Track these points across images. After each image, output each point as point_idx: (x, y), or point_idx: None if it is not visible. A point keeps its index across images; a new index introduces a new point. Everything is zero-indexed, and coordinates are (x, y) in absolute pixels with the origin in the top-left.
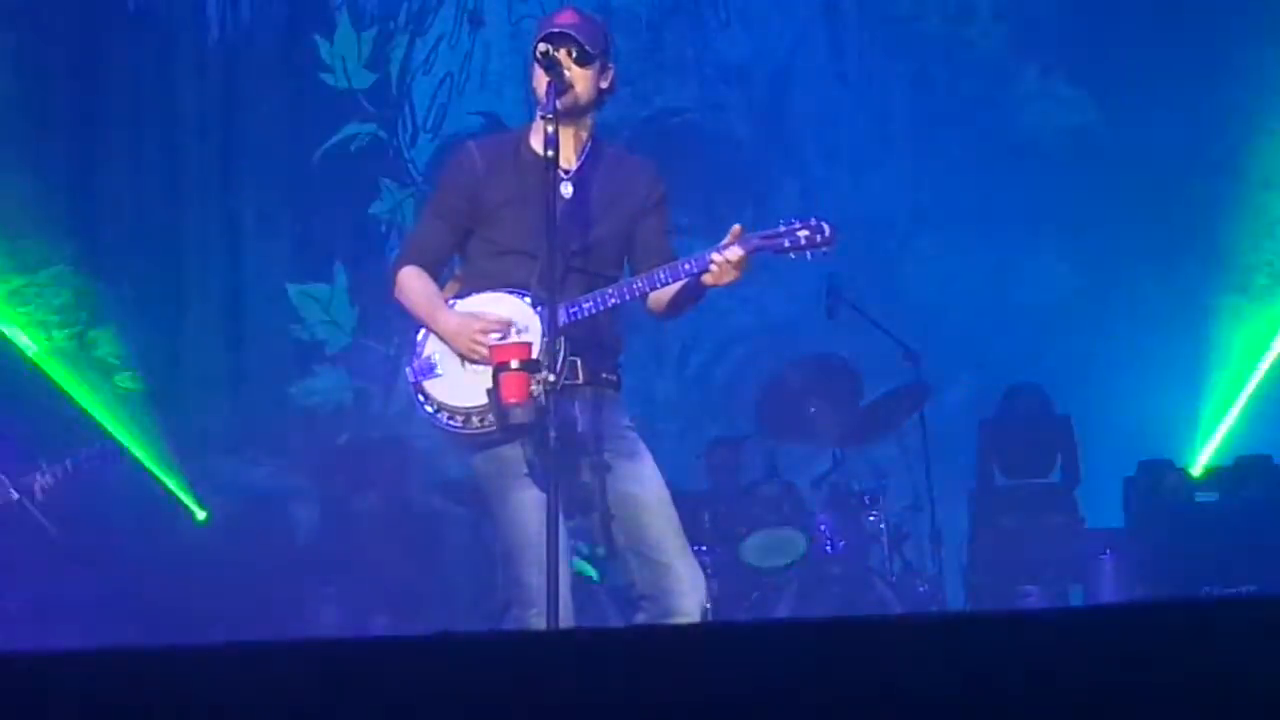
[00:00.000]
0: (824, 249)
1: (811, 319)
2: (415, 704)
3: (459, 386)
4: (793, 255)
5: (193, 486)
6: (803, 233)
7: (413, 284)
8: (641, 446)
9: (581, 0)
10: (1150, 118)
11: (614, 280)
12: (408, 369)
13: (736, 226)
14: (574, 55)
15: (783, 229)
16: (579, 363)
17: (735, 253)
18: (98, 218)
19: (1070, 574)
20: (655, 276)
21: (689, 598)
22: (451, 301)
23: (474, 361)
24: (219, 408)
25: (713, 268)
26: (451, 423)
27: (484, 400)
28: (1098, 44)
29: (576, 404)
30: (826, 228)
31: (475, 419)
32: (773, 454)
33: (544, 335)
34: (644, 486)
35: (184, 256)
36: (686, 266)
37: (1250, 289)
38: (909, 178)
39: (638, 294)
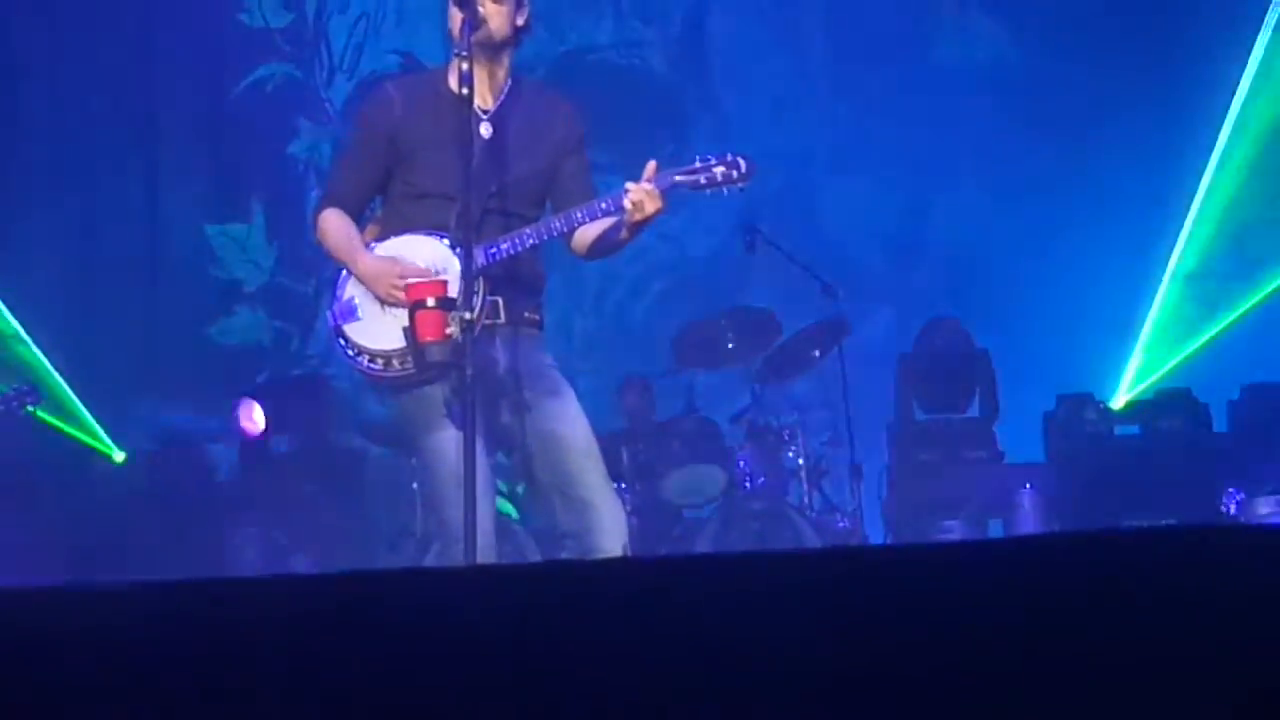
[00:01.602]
0: (740, 185)
1: (730, 255)
2: (335, 643)
3: (379, 329)
4: (709, 191)
5: (111, 428)
6: (719, 169)
7: (332, 226)
8: (564, 385)
9: None
10: (1066, 48)
11: (534, 220)
12: (328, 312)
13: (651, 162)
14: None
15: (699, 165)
16: (500, 302)
17: (650, 188)
18: (6, 160)
19: (990, 509)
20: (572, 216)
21: (611, 536)
22: (372, 245)
23: (393, 305)
24: (137, 348)
25: (628, 204)
26: (372, 366)
27: (404, 343)
28: None
29: (498, 343)
30: (743, 163)
31: (395, 361)
32: (690, 390)
33: (462, 276)
34: (567, 425)
35: (100, 197)
36: (603, 205)
37: (1169, 222)
38: (827, 113)
39: (556, 234)
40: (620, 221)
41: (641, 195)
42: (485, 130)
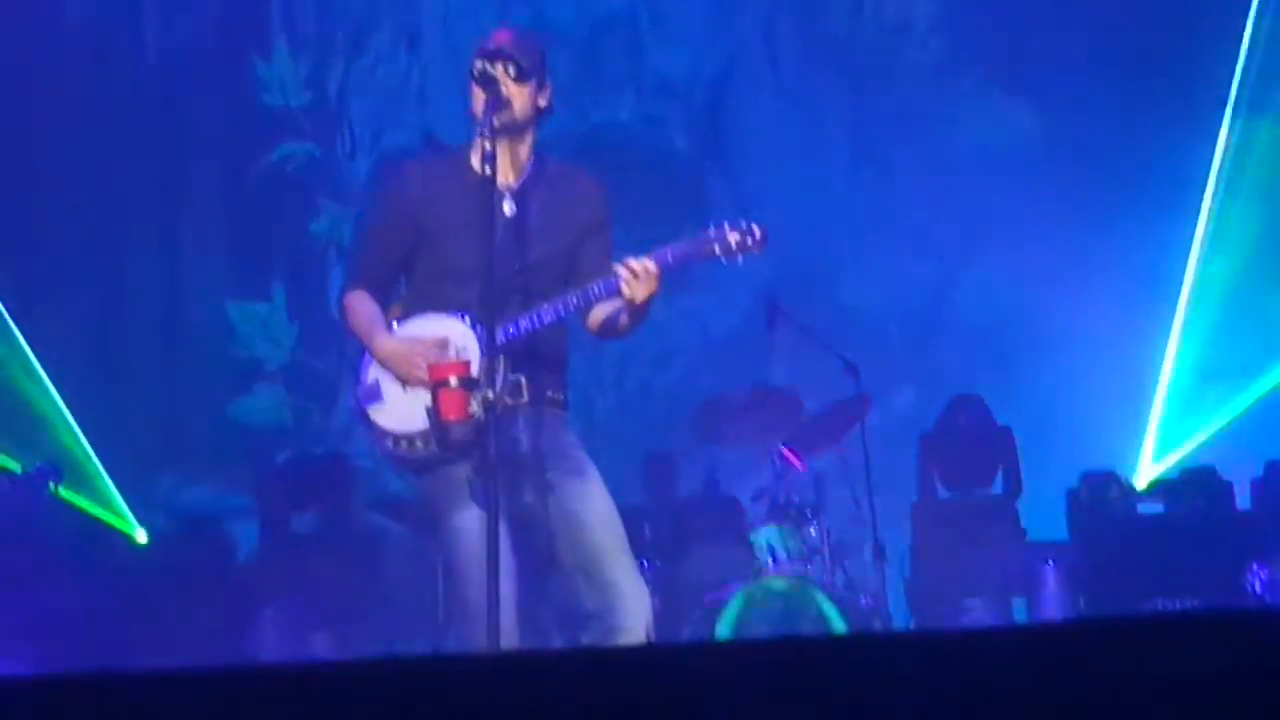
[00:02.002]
0: (755, 251)
1: (751, 332)
2: None
3: (402, 411)
4: (724, 260)
5: (131, 506)
6: (733, 236)
7: (356, 308)
8: (588, 465)
9: (517, 14)
10: (1089, 127)
11: (555, 299)
12: (352, 395)
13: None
14: (511, 72)
15: (712, 233)
16: (523, 381)
17: (639, 266)
18: (34, 237)
19: (1013, 587)
20: (590, 291)
21: (634, 616)
22: (395, 325)
23: (415, 385)
24: (158, 426)
25: (623, 286)
26: (396, 448)
27: (427, 424)
28: (1035, 54)
29: (521, 422)
30: (757, 229)
31: (419, 442)
32: (712, 468)
33: (483, 355)
34: (589, 505)
35: (122, 275)
36: (595, 290)
37: (1193, 299)
38: (848, 190)
39: (571, 311)
40: (623, 299)
41: (629, 273)
42: (508, 208)
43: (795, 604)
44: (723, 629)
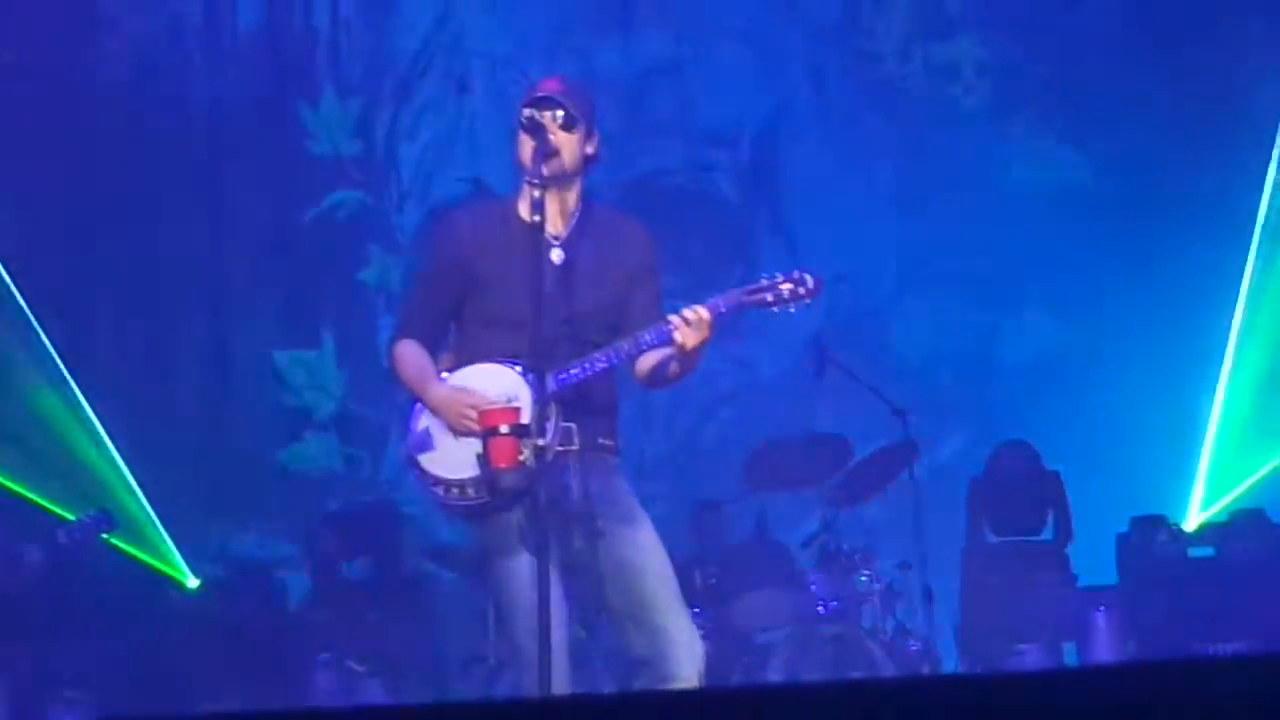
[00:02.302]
0: (808, 301)
1: (799, 378)
2: None
3: (454, 459)
4: (776, 309)
5: (183, 554)
6: (785, 286)
7: (405, 358)
8: (639, 511)
9: (565, 61)
10: (1136, 170)
11: (605, 346)
12: (403, 443)
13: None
14: (559, 120)
15: (765, 283)
16: (574, 429)
17: (692, 315)
18: (84, 286)
19: (1063, 632)
20: (642, 339)
21: (686, 663)
22: (445, 374)
23: (465, 434)
24: (208, 474)
25: (675, 334)
26: (448, 495)
27: (478, 471)
28: (1082, 99)
29: (572, 469)
30: (810, 279)
31: (470, 490)
32: (762, 514)
33: (534, 403)
34: (641, 551)
35: (172, 323)
36: (647, 338)
37: (1241, 341)
38: (896, 235)
39: (625, 357)
40: (673, 349)
41: (682, 321)
42: (557, 256)
43: (845, 649)
44: (773, 675)
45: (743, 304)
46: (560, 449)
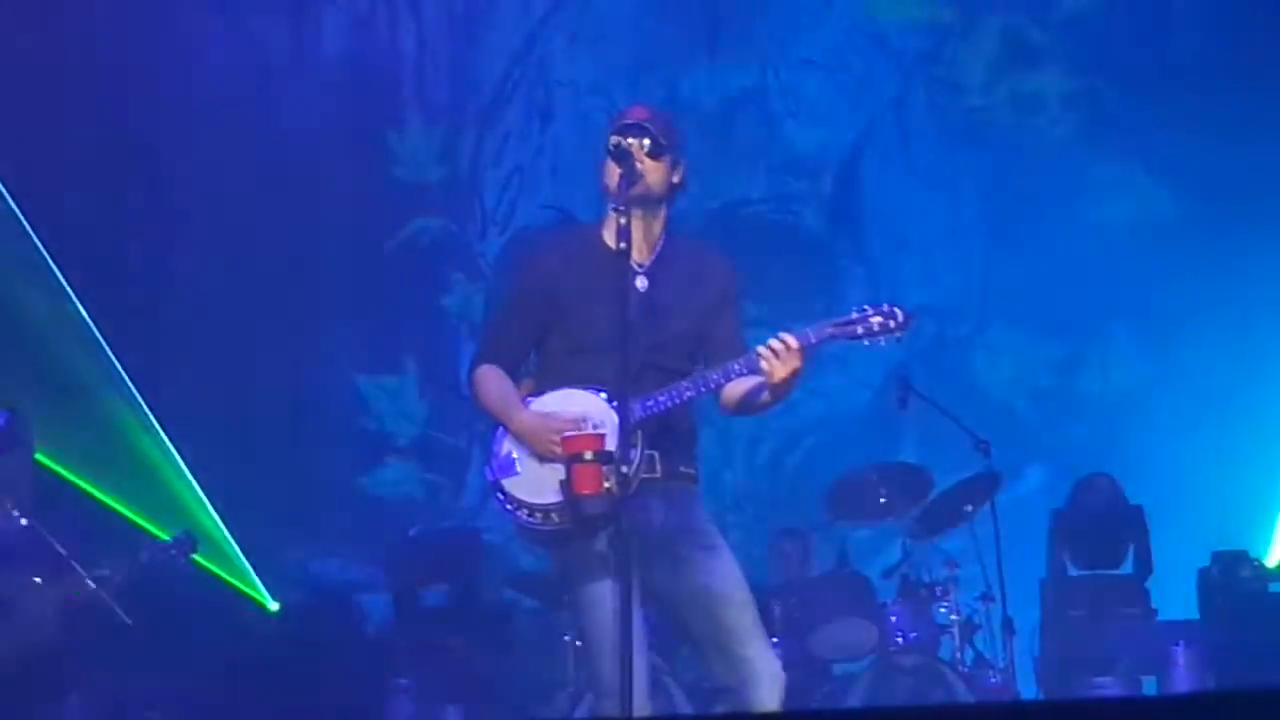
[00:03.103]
0: (898, 334)
1: (882, 409)
2: None
3: (537, 484)
4: (866, 342)
5: (264, 577)
6: (876, 319)
7: (488, 383)
8: (720, 540)
9: (650, 89)
10: (1224, 201)
11: (689, 374)
12: (486, 467)
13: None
14: (646, 148)
15: (855, 316)
16: (656, 456)
17: (781, 345)
18: (167, 312)
19: (1143, 666)
20: (731, 369)
21: (768, 692)
22: (529, 400)
23: (550, 460)
24: (289, 498)
25: (763, 363)
26: (531, 520)
27: (561, 496)
28: (1169, 129)
29: (654, 498)
30: (900, 313)
31: (554, 515)
32: (843, 545)
33: (619, 431)
34: (722, 580)
35: (253, 348)
36: (735, 367)
37: None
38: (979, 267)
39: (713, 388)
40: (763, 383)
41: (770, 352)
42: (641, 284)
43: (924, 681)
44: (852, 705)
45: (833, 335)
46: (645, 476)
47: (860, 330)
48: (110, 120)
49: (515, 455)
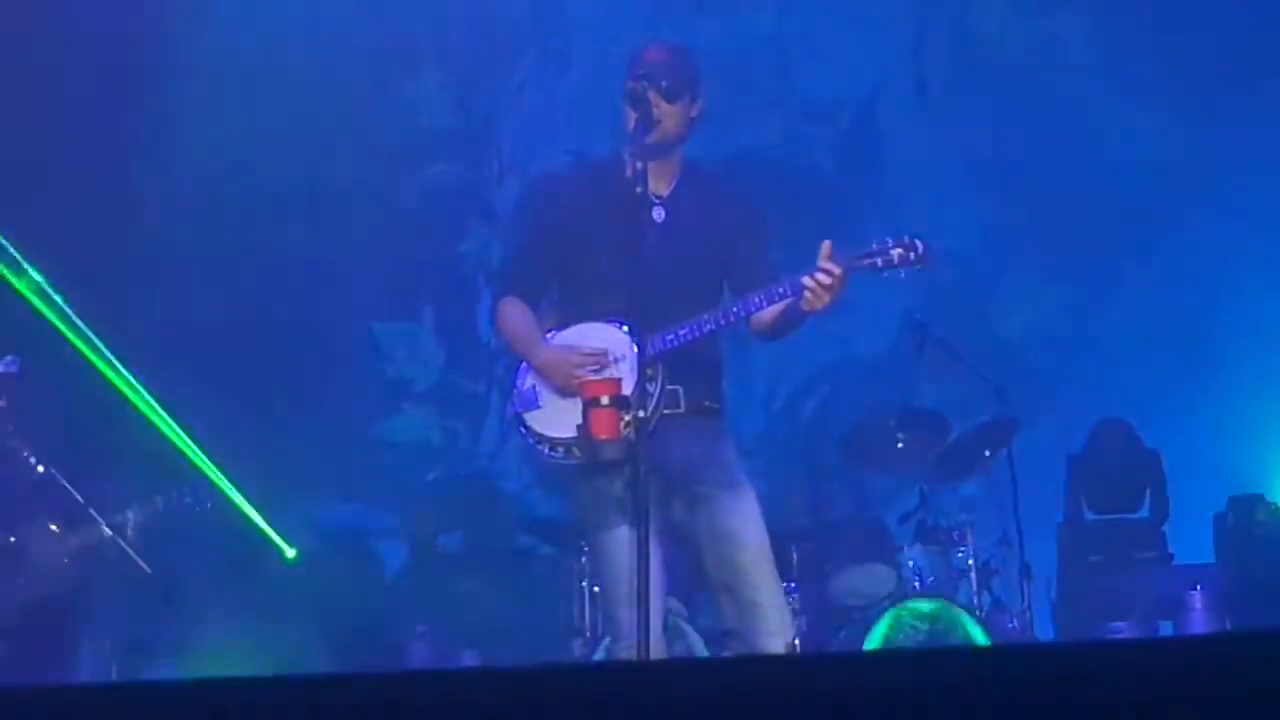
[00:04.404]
0: (918, 266)
1: (898, 354)
2: None
3: (559, 418)
4: (885, 274)
5: (281, 524)
6: (896, 250)
7: (511, 316)
8: (742, 478)
9: (666, 34)
10: (1241, 140)
11: (712, 304)
12: (508, 402)
13: (826, 242)
14: (663, 92)
15: (875, 247)
16: (680, 391)
17: (830, 271)
18: (181, 262)
19: (1160, 610)
20: (750, 302)
21: (775, 638)
22: (551, 333)
23: (572, 394)
24: (307, 446)
25: (808, 293)
26: (553, 454)
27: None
28: (1186, 75)
29: (675, 433)
30: (920, 245)
31: (576, 449)
32: (860, 490)
33: (636, 366)
34: (741, 522)
35: (269, 296)
36: (781, 290)
37: None
38: (995, 212)
39: (735, 320)
40: (797, 304)
41: (818, 282)
42: (658, 215)
43: (942, 626)
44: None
45: (854, 268)
46: (666, 412)
47: (880, 262)
48: (119, 69)
49: (538, 389)
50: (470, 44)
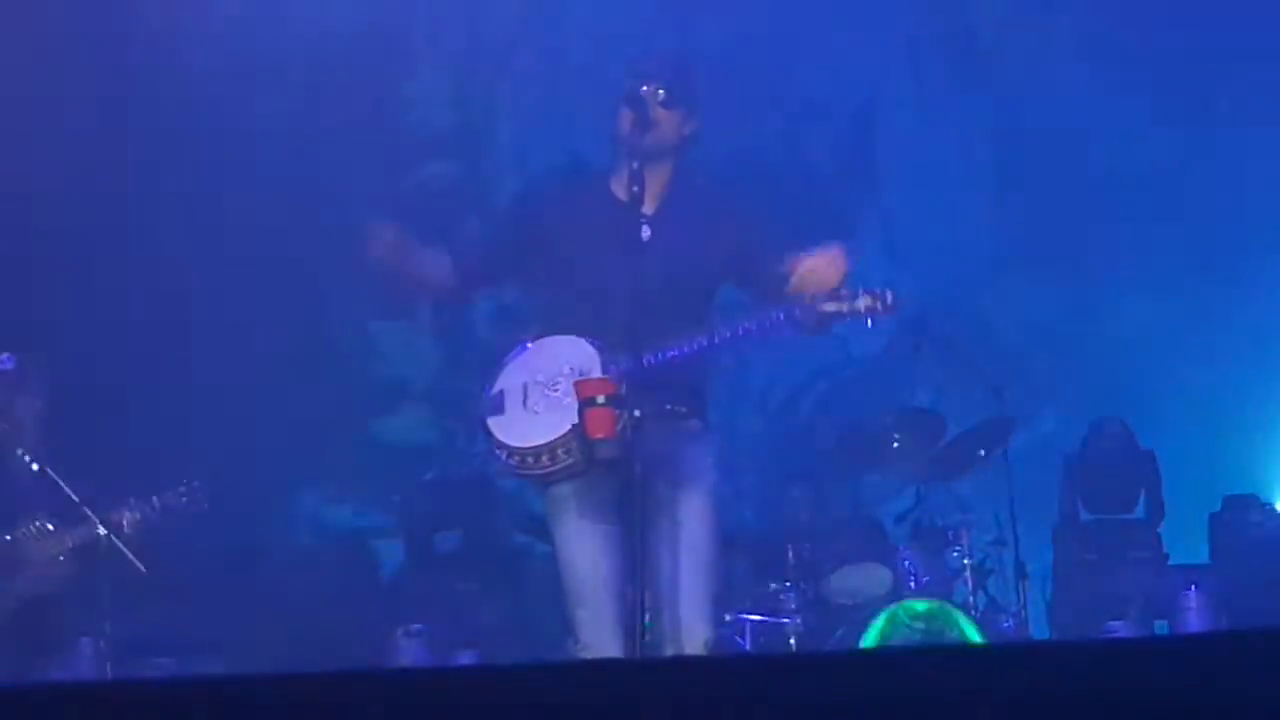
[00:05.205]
0: (885, 315)
1: (894, 354)
2: None
3: (518, 426)
4: (850, 320)
5: (278, 523)
6: (864, 300)
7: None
8: (704, 484)
9: (663, 33)
10: (1236, 146)
11: (696, 324)
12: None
13: (795, 275)
14: (661, 96)
15: (844, 293)
16: (659, 399)
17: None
18: (180, 257)
19: (1155, 610)
20: (739, 327)
21: (674, 645)
22: (528, 343)
23: (538, 406)
24: (303, 445)
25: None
26: (510, 461)
27: (540, 441)
28: (1183, 76)
29: (645, 437)
30: (889, 295)
31: (530, 459)
32: (856, 490)
33: (628, 376)
34: (688, 529)
35: (266, 294)
36: (778, 317)
37: None
38: (992, 213)
39: (724, 344)
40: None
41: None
42: (645, 233)
43: (937, 625)
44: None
45: (822, 317)
46: (637, 415)
47: (846, 310)
48: (121, 67)
49: (505, 395)
50: (467, 42)
